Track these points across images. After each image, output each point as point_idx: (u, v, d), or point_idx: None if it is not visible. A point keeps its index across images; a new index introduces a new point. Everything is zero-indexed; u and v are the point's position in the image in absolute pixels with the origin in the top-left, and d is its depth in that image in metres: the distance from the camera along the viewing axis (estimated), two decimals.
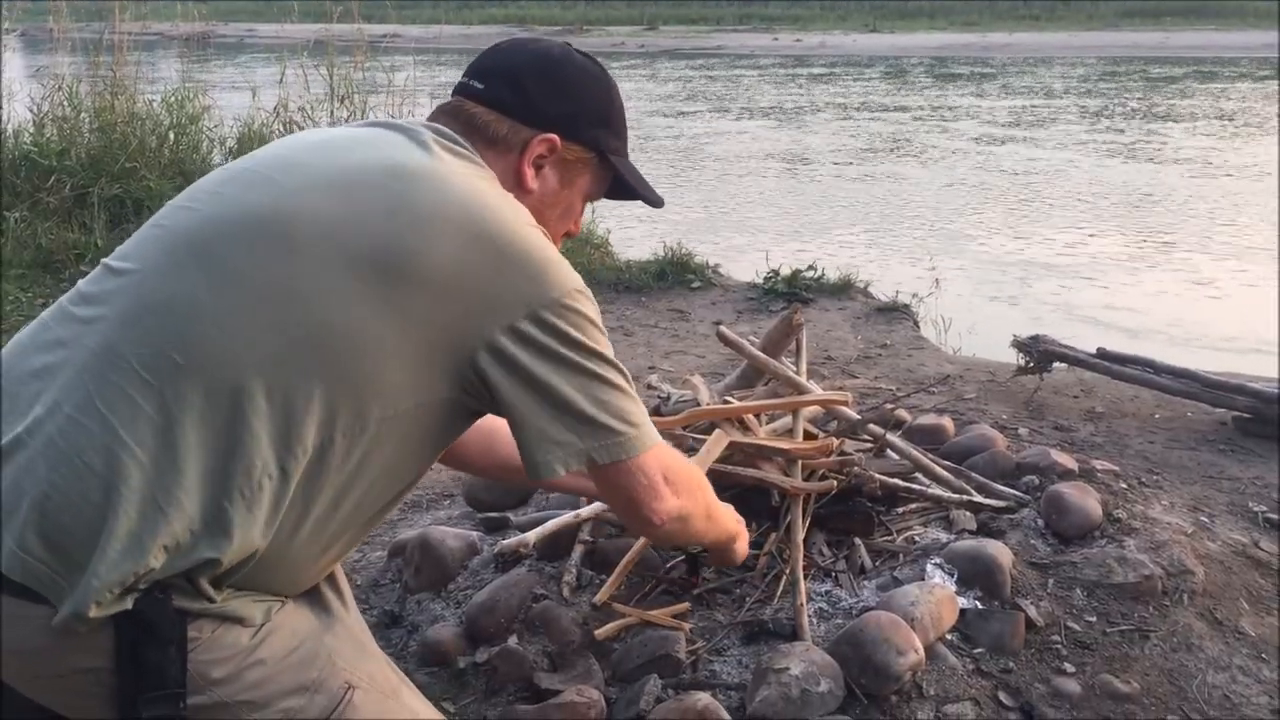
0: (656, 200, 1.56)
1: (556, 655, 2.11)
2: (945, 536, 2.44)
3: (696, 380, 2.78)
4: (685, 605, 2.21)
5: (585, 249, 5.97)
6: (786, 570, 2.24)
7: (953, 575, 2.27)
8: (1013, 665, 2.11)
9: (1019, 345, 4.06)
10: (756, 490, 2.32)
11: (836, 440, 2.46)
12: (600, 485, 1.37)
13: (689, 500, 1.44)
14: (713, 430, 2.37)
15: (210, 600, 1.18)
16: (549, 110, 1.42)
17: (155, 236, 1.28)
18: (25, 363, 1.23)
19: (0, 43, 7.59)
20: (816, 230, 8.25)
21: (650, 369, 4.33)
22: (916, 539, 2.45)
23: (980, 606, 2.22)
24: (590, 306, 1.29)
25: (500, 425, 1.62)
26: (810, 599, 2.20)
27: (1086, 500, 2.52)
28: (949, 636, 2.15)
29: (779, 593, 2.22)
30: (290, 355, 1.18)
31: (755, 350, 2.73)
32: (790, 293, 5.54)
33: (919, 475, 2.61)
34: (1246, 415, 3.59)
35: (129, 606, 1.12)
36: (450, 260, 1.21)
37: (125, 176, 6.34)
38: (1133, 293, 6.45)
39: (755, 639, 2.14)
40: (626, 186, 1.52)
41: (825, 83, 20.70)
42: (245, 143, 6.97)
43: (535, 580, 2.31)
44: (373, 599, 2.46)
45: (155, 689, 1.15)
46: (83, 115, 6.84)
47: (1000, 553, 2.30)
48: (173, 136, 6.93)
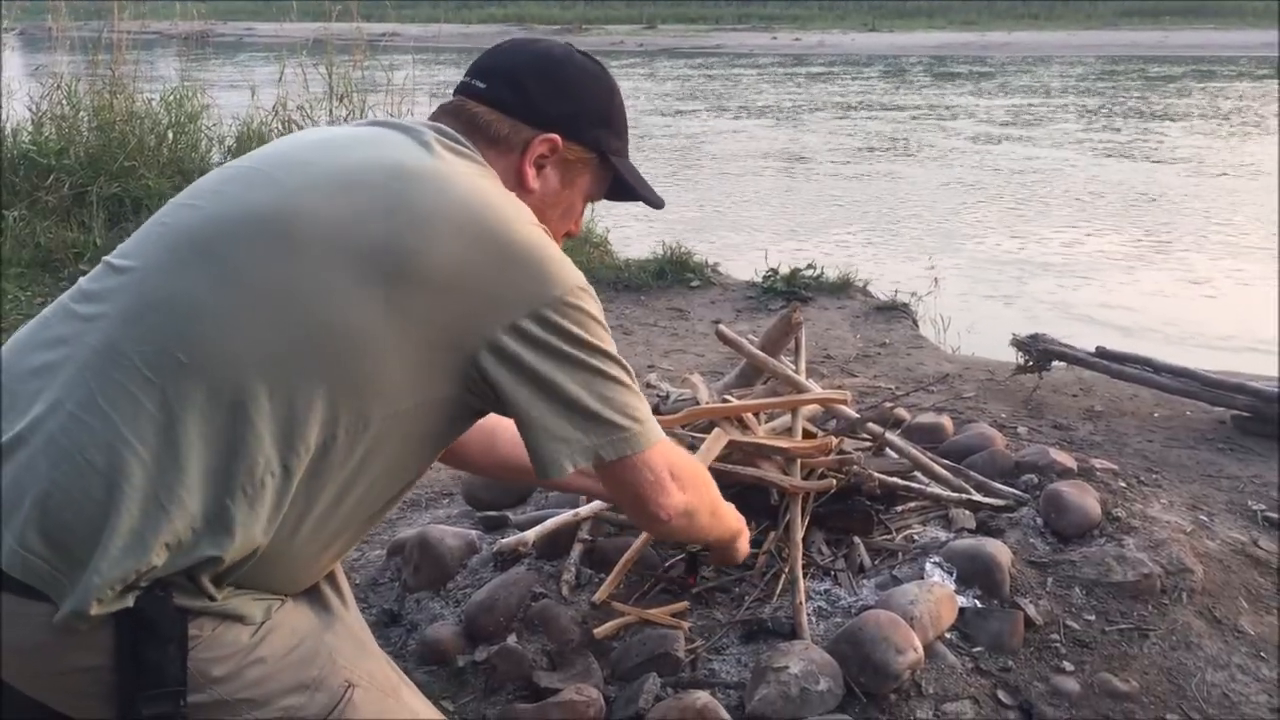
0: (657, 201, 1.56)
1: (555, 654, 2.11)
2: (944, 535, 2.45)
3: (695, 379, 2.78)
4: (684, 604, 2.21)
5: (584, 248, 5.97)
6: (785, 569, 2.24)
7: (952, 574, 2.27)
8: (1012, 664, 2.11)
9: (1018, 344, 4.06)
10: (755, 489, 2.31)
11: (835, 439, 2.46)
12: (607, 482, 1.37)
13: (695, 496, 1.45)
14: (712, 429, 2.37)
15: (211, 598, 1.18)
16: (550, 110, 1.42)
17: (157, 234, 1.28)
18: (26, 360, 1.23)
19: (0, 41, 7.58)
20: (814, 229, 8.25)
21: (649, 368, 4.33)
22: (915, 538, 2.45)
23: (979, 605, 2.22)
24: (593, 304, 1.29)
25: (501, 424, 1.62)
26: (809, 598, 2.20)
27: (1085, 499, 2.52)
28: (948, 635, 2.15)
29: (778, 591, 2.22)
30: (291, 355, 1.18)
31: (754, 349, 2.73)
32: (789, 291, 5.54)
33: (918, 474, 2.61)
34: (1246, 414, 3.59)
35: (130, 604, 1.12)
36: (452, 259, 1.21)
37: (124, 175, 6.33)
38: (1129, 291, 6.44)
39: (754, 637, 2.14)
40: (627, 187, 1.52)
41: (824, 82, 20.69)
42: (244, 141, 6.95)
43: (534, 579, 2.31)
44: (372, 598, 2.46)
45: (155, 687, 1.15)
46: (81, 114, 6.82)
47: (999, 551, 2.30)
48: (171, 135, 6.91)
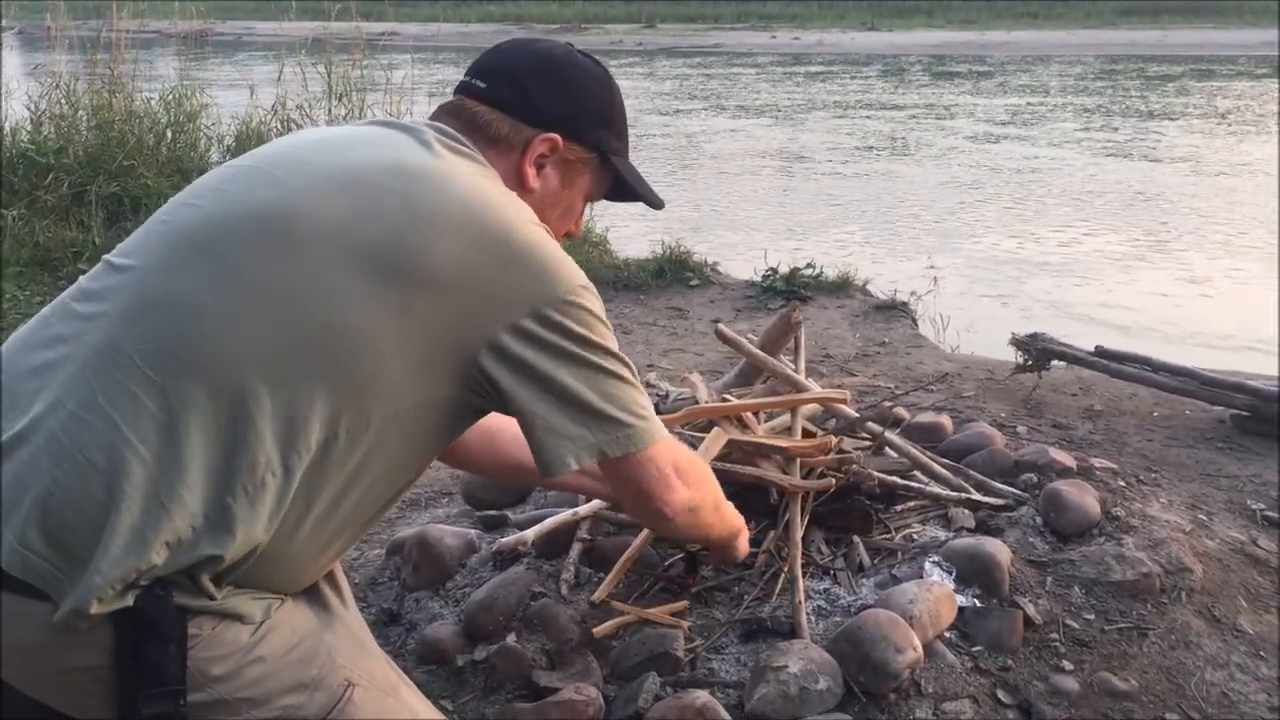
0: (657, 202, 1.56)
1: (555, 653, 2.11)
2: (944, 534, 2.45)
3: (695, 378, 2.78)
4: (684, 603, 2.21)
5: (583, 247, 5.96)
6: (785, 568, 2.24)
7: (951, 573, 2.27)
8: (1011, 663, 2.11)
9: (1017, 343, 4.06)
10: (755, 488, 2.31)
11: (835, 438, 2.46)
12: (612, 479, 1.37)
13: (699, 492, 1.45)
14: (711, 428, 2.37)
15: (211, 597, 1.18)
16: (550, 110, 1.42)
17: (158, 233, 1.28)
18: (25, 359, 1.23)
19: None
20: (812, 228, 8.25)
21: (649, 367, 4.33)
22: (915, 537, 2.45)
23: (979, 604, 2.22)
24: (595, 302, 1.29)
25: (500, 424, 1.62)
26: (809, 597, 2.20)
27: (1085, 498, 2.52)
28: (947, 634, 2.15)
29: (777, 591, 2.22)
30: (291, 354, 1.18)
31: (754, 348, 2.73)
32: (788, 290, 5.54)
33: (917, 473, 2.61)
34: (1245, 413, 3.60)
35: (130, 603, 1.12)
36: (453, 259, 1.21)
37: (123, 174, 6.32)
38: (1127, 291, 6.44)
39: (754, 637, 2.14)
40: (627, 187, 1.52)
41: (822, 81, 20.69)
42: (243, 141, 6.95)
43: (533, 578, 2.31)
44: (371, 597, 2.45)
45: (155, 686, 1.15)
46: (80, 113, 6.81)
47: (999, 551, 2.30)
48: (170, 134, 6.90)
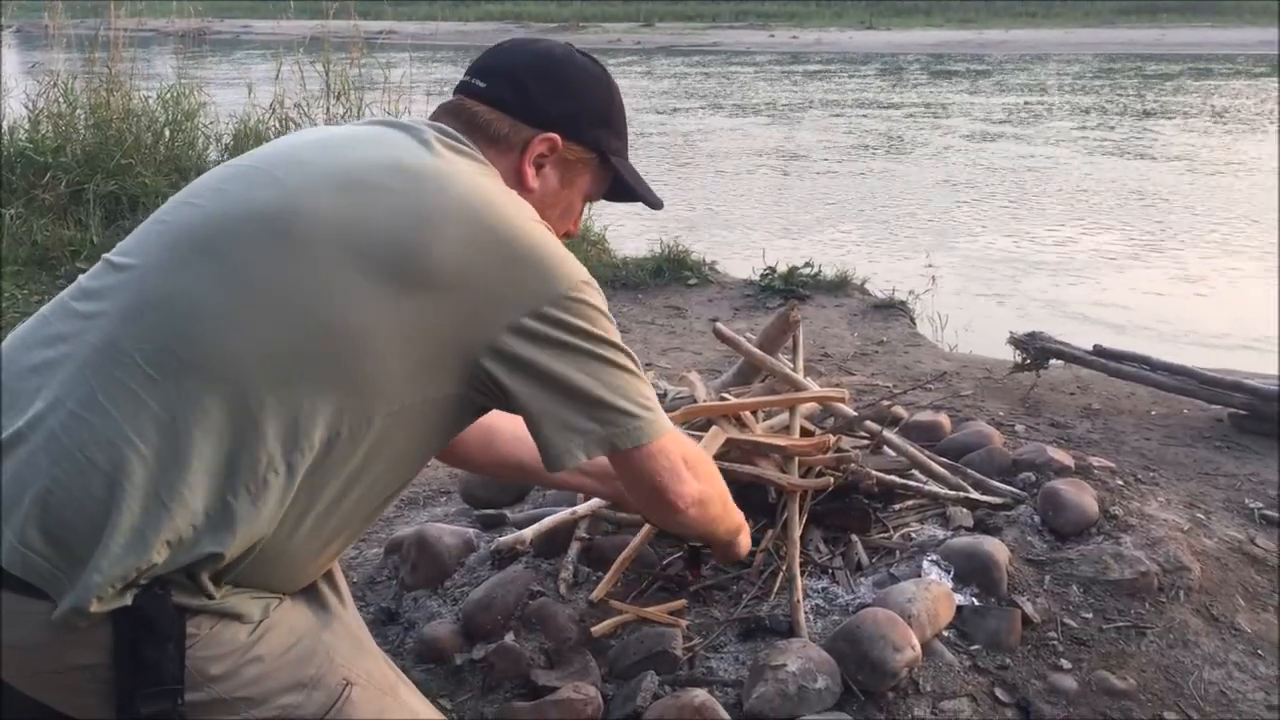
0: (656, 202, 1.56)
1: (553, 652, 2.11)
2: (942, 533, 2.45)
3: (693, 377, 2.78)
4: (682, 602, 2.21)
5: (582, 245, 5.96)
6: (783, 567, 2.24)
7: (949, 572, 2.27)
8: (1009, 662, 2.11)
9: (1016, 342, 4.06)
10: (753, 487, 2.31)
11: (833, 437, 2.47)
12: (622, 472, 1.37)
13: (708, 485, 1.45)
14: (710, 427, 2.37)
15: (209, 597, 1.18)
16: (550, 110, 1.42)
17: (158, 232, 1.28)
18: (25, 358, 1.22)
19: None
20: (810, 227, 8.24)
21: (647, 366, 4.33)
22: (913, 536, 2.46)
23: (977, 603, 2.22)
24: (597, 296, 1.29)
25: (499, 422, 1.62)
26: (807, 596, 2.21)
27: (1083, 497, 2.53)
28: (946, 633, 2.15)
29: (776, 589, 2.22)
30: (292, 354, 1.17)
31: (752, 347, 2.73)
32: (787, 289, 5.54)
33: (916, 472, 2.61)
34: (1243, 412, 3.60)
35: (129, 602, 1.12)
36: (454, 258, 1.21)
37: (121, 173, 6.32)
38: (1123, 289, 6.45)
39: (752, 636, 2.14)
40: (626, 187, 1.52)
41: (820, 79, 20.68)
42: (241, 139, 6.95)
43: (532, 577, 2.31)
44: (369, 596, 2.45)
45: (153, 685, 1.15)
46: (78, 112, 6.81)
47: (997, 549, 2.30)
48: (168, 133, 6.90)
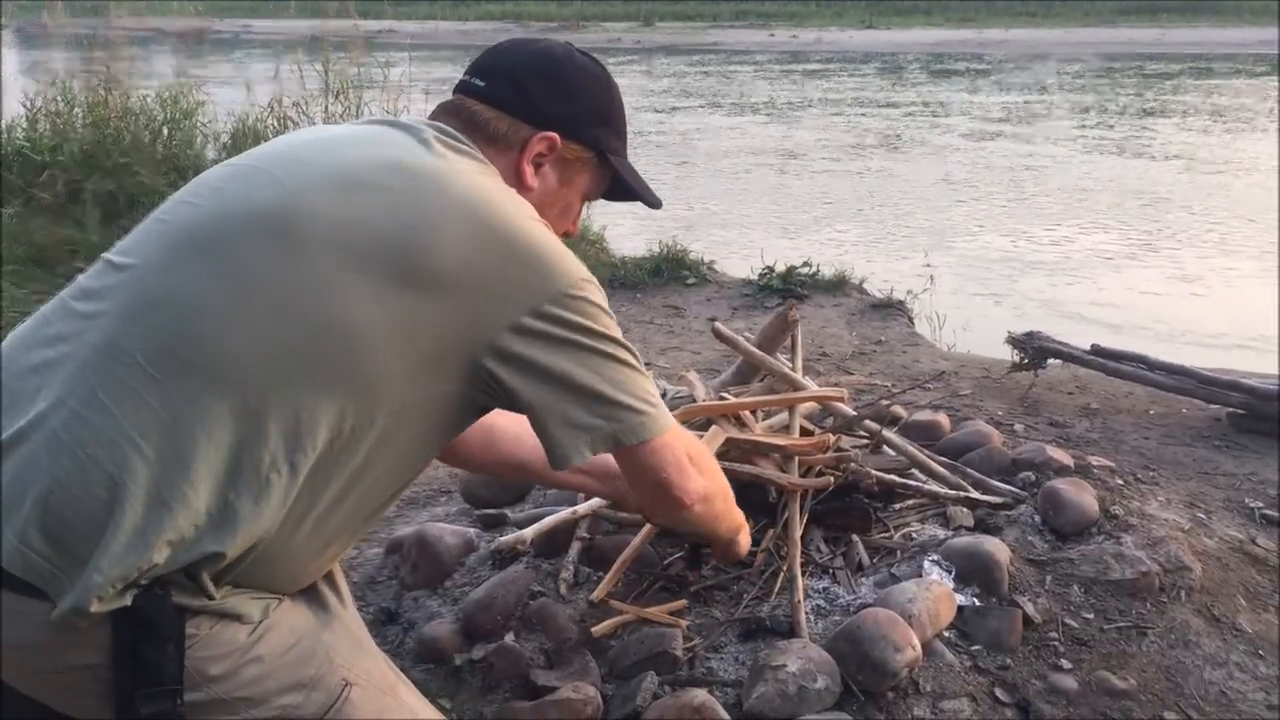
0: (655, 201, 1.56)
1: (553, 652, 2.11)
2: (942, 533, 2.45)
3: (692, 376, 2.78)
4: (682, 602, 2.21)
5: (580, 245, 5.95)
6: (784, 567, 2.24)
7: (950, 572, 2.27)
8: (1010, 662, 2.11)
9: (1014, 341, 4.06)
10: (753, 487, 2.31)
11: (833, 436, 2.46)
12: (627, 468, 1.37)
13: (712, 481, 1.45)
14: (709, 426, 2.36)
15: (209, 597, 1.17)
16: (549, 109, 1.41)
17: (157, 231, 1.28)
18: (25, 357, 1.22)
19: None
20: (807, 226, 8.25)
21: (646, 365, 4.31)
22: (914, 535, 2.45)
23: (978, 603, 2.22)
24: (598, 293, 1.29)
25: (499, 422, 1.61)
26: (808, 596, 2.20)
27: (1083, 496, 2.52)
28: (946, 633, 2.15)
29: (776, 590, 2.22)
30: (293, 353, 1.17)
31: (751, 346, 2.73)
32: (785, 289, 5.54)
33: (915, 471, 2.61)
34: (1241, 412, 3.60)
35: (129, 602, 1.12)
36: (454, 258, 1.20)
37: (119, 172, 6.30)
38: (1119, 289, 6.45)
39: (752, 636, 2.14)
40: (625, 187, 1.52)
41: (820, 79, 20.69)
42: (240, 138, 6.94)
43: (532, 577, 2.30)
44: (369, 596, 2.45)
45: (153, 685, 1.15)
46: (76, 110, 6.80)
47: (997, 549, 2.30)
48: (167, 132, 6.89)
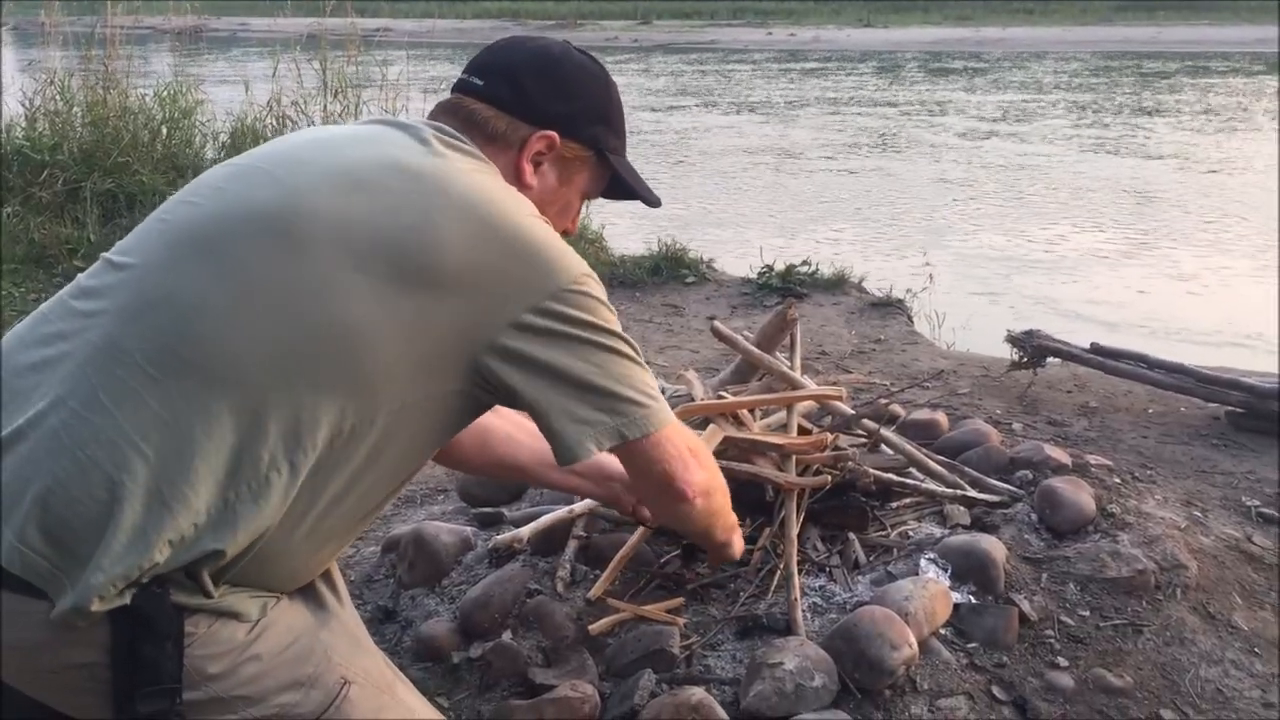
0: (654, 200, 1.56)
1: (550, 650, 2.11)
2: (939, 531, 2.45)
3: (691, 375, 2.78)
4: (679, 600, 2.21)
5: (579, 243, 5.96)
6: (781, 565, 2.24)
7: (947, 570, 2.27)
8: (1006, 659, 2.12)
9: (1013, 340, 4.06)
10: (751, 485, 2.31)
11: (831, 435, 2.46)
12: (630, 462, 1.37)
13: (712, 475, 1.46)
14: (707, 425, 2.36)
15: (208, 595, 1.17)
16: (548, 108, 1.42)
17: (157, 231, 1.28)
18: (24, 356, 1.22)
19: None
20: (805, 225, 8.25)
21: (645, 364, 4.32)
22: (910, 534, 2.46)
23: (974, 601, 2.22)
24: (597, 288, 1.30)
25: (493, 423, 1.62)
26: (804, 594, 2.21)
27: (1080, 495, 2.53)
28: (943, 631, 2.15)
29: (773, 588, 2.22)
30: (293, 353, 1.17)
31: (749, 345, 2.73)
32: (784, 288, 5.54)
33: (913, 470, 2.61)
34: (1240, 410, 3.60)
35: (128, 602, 1.12)
36: (455, 257, 1.21)
37: (118, 171, 6.30)
38: (1115, 287, 6.45)
39: (749, 634, 2.14)
40: (624, 185, 1.52)
41: (818, 77, 20.68)
42: (238, 137, 6.94)
43: (529, 575, 2.31)
44: (367, 594, 2.45)
45: (151, 684, 1.15)
46: (75, 109, 6.79)
47: (994, 547, 2.30)
48: (165, 131, 6.89)
